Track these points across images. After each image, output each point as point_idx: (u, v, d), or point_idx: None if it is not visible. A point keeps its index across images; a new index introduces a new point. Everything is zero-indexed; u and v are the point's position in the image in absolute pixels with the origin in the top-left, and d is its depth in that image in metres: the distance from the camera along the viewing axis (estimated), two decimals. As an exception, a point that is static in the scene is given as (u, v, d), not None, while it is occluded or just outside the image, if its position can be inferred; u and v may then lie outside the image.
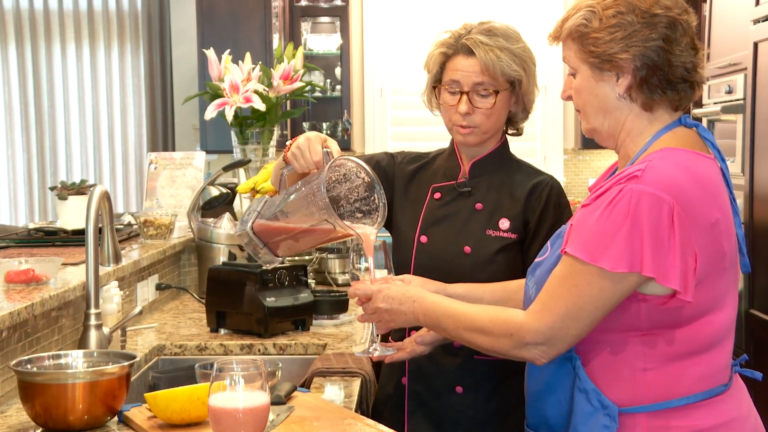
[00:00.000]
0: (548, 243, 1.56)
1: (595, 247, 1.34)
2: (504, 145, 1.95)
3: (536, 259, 1.57)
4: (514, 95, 1.88)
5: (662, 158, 1.37)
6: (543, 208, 1.86)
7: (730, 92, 3.81)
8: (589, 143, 5.73)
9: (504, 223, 1.86)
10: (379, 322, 1.63)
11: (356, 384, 1.82)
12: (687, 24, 1.42)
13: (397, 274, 1.94)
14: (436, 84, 1.90)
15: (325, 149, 1.69)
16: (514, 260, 1.85)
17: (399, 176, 1.98)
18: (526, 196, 1.87)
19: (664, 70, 1.41)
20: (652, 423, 1.38)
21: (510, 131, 1.97)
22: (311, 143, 1.71)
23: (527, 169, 1.95)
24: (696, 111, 4.28)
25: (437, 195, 1.92)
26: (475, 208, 1.88)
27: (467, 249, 1.85)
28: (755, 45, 3.51)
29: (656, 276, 1.31)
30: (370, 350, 1.69)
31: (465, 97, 1.84)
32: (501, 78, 1.83)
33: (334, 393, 1.77)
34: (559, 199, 1.89)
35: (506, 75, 1.83)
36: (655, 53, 1.40)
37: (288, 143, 1.80)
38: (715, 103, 3.96)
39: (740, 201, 3.69)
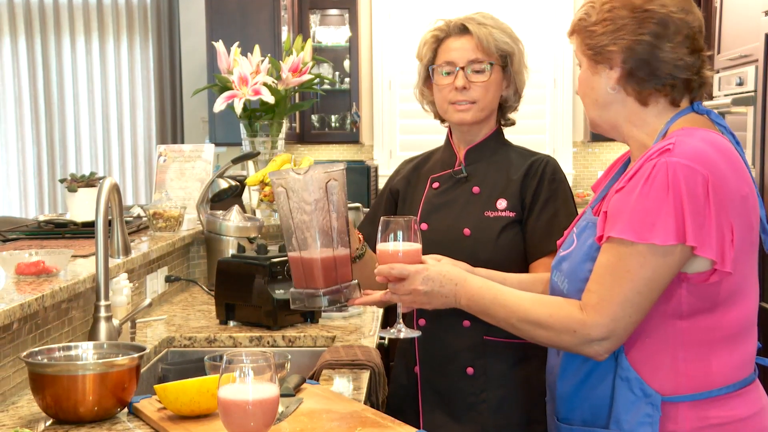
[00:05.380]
0: (574, 235, 1.54)
1: (642, 224, 1.34)
2: (498, 132, 1.98)
3: (560, 253, 1.56)
4: (506, 77, 1.91)
5: (688, 135, 1.39)
6: (538, 182, 1.89)
7: (740, 84, 3.79)
8: (598, 136, 5.71)
9: (501, 203, 1.89)
10: (412, 303, 1.56)
11: (365, 376, 1.82)
12: (683, 23, 1.44)
13: None
14: (429, 66, 1.93)
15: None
16: (515, 239, 1.87)
17: (398, 184, 2.02)
18: (523, 175, 1.90)
19: (652, 64, 1.43)
20: (693, 413, 1.39)
21: (502, 122, 1.99)
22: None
23: (523, 151, 1.98)
24: (706, 103, 4.25)
25: (435, 185, 1.96)
26: (472, 192, 1.91)
27: (466, 231, 1.87)
28: (767, 36, 3.49)
29: (697, 245, 1.32)
30: (395, 332, 1.62)
31: (461, 72, 1.88)
32: (495, 53, 1.88)
33: (343, 385, 1.77)
34: (555, 174, 1.91)
35: (499, 49, 1.88)
36: (642, 47, 1.43)
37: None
38: (725, 95, 3.94)
39: (751, 194, 3.67)
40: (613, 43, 1.44)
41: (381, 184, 2.16)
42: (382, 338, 2.38)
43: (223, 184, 3.12)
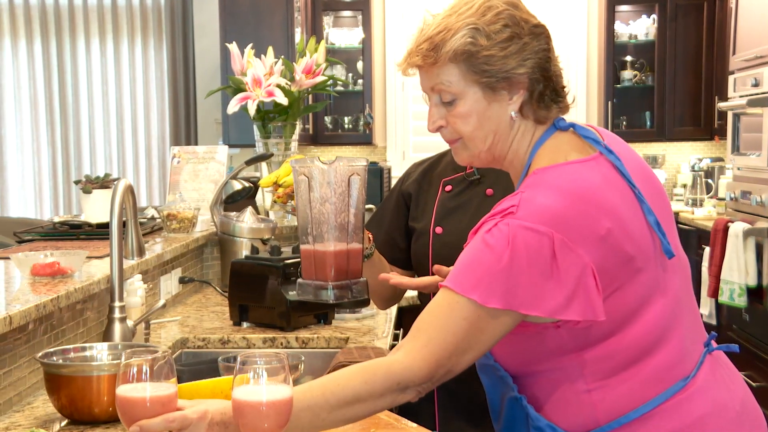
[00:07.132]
0: None
1: (467, 278, 1.26)
2: None
3: None
4: None
5: (535, 186, 1.30)
6: None
7: (756, 85, 3.77)
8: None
9: None
10: None
11: (378, 378, 1.82)
12: (549, 34, 1.41)
13: (416, 263, 1.95)
14: None
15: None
16: None
17: (410, 187, 2.01)
18: None
19: (553, 80, 1.38)
20: None
21: None
22: None
23: None
24: (721, 104, 4.23)
25: (448, 188, 1.96)
26: (486, 194, 1.91)
27: None
28: (782, 37, 3.47)
29: (541, 313, 1.24)
30: None
31: None
32: None
33: (357, 387, 1.77)
34: None
35: None
36: (546, 63, 1.36)
37: None
38: (740, 96, 3.92)
39: (767, 196, 3.65)
40: (521, 65, 1.33)
41: (394, 186, 2.16)
42: (395, 340, 2.38)
43: (237, 185, 3.12)
